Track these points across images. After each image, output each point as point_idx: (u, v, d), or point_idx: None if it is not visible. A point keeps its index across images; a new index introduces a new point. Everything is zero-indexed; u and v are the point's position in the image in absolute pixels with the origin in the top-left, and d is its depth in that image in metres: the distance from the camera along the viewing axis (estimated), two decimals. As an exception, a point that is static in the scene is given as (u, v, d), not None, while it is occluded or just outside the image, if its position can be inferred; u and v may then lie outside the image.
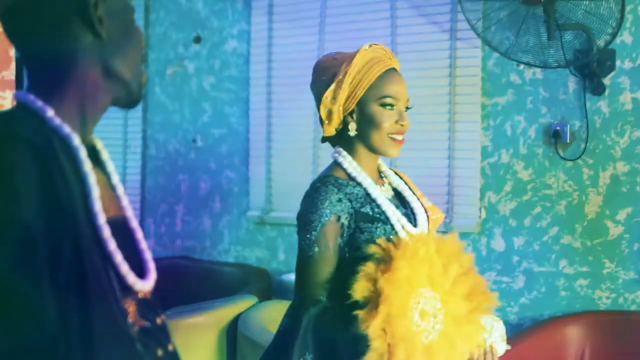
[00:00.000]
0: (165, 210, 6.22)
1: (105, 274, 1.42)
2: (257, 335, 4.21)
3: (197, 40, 6.09)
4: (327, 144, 2.70)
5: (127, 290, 1.49)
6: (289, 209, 5.62)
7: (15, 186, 1.30)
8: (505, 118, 4.87)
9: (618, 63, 4.56)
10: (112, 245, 1.45)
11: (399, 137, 2.50)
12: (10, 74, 1.75)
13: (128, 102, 1.60)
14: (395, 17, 5.17)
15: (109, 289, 1.42)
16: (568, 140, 4.68)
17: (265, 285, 5.31)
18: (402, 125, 2.49)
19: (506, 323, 4.59)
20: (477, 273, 2.51)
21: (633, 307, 4.53)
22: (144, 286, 1.53)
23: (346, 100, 2.48)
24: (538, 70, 4.75)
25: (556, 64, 4.59)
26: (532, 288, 4.79)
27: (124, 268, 1.48)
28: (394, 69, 2.54)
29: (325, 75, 2.54)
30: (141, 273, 1.56)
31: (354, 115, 2.50)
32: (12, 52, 1.75)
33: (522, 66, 4.79)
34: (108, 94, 1.56)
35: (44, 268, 1.30)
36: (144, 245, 1.61)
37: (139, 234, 1.62)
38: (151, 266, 1.59)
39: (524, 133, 4.81)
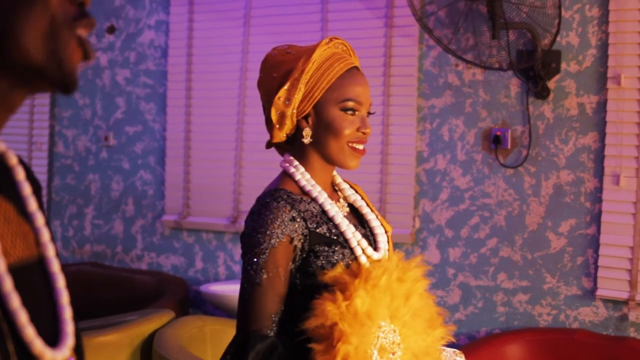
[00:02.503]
0: (74, 213, 5.81)
1: (1, 342, 1.06)
2: (175, 355, 3.86)
3: (111, 30, 5.72)
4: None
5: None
6: (207, 213, 5.28)
7: None
8: (442, 121, 4.62)
9: (563, 65, 4.34)
10: (14, 302, 1.06)
11: (360, 147, 2.20)
12: None
13: (56, 89, 1.17)
14: (327, 10, 4.88)
15: None
16: (509, 147, 4.45)
17: (181, 296, 4.96)
18: (364, 133, 2.18)
19: (442, 340, 4.36)
20: (433, 302, 2.24)
21: (575, 325, 4.33)
22: (55, 356, 1.11)
23: (301, 102, 2.15)
24: (478, 71, 4.50)
25: (498, 65, 4.34)
26: (468, 303, 4.55)
27: (29, 333, 1.08)
28: (356, 68, 2.23)
29: (277, 71, 2.19)
30: (54, 338, 1.16)
31: (310, 120, 2.17)
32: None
33: (461, 66, 4.54)
34: (14, 89, 1.12)
35: None
36: (64, 298, 1.18)
37: (60, 282, 1.19)
38: (68, 328, 1.17)
39: (462, 138, 4.57)
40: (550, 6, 4.17)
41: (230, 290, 4.60)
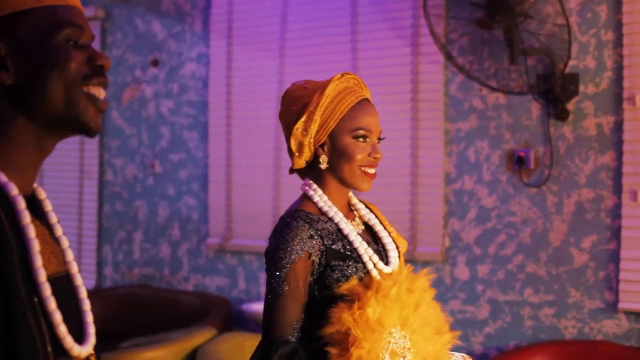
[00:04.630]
0: (123, 238, 6.09)
1: (40, 336, 1.33)
2: (217, 369, 4.11)
3: (155, 63, 5.99)
4: (288, 168, 2.61)
5: (64, 353, 1.40)
6: (249, 236, 5.53)
7: None
8: (468, 144, 4.83)
9: (582, 88, 4.53)
10: (51, 305, 1.35)
11: (371, 170, 2.43)
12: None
13: (83, 134, 1.46)
14: (357, 40, 5.12)
15: (42, 353, 1.33)
16: (532, 167, 4.64)
17: (225, 315, 5.20)
18: (375, 157, 2.42)
19: (471, 353, 4.56)
20: (439, 310, 2.46)
21: (599, 337, 4.49)
22: (81, 352, 1.42)
23: (317, 132, 2.40)
24: (501, 95, 4.71)
25: (519, 90, 4.55)
26: (497, 317, 4.73)
27: (62, 330, 1.37)
28: (366, 100, 2.47)
29: (295, 105, 2.44)
30: (80, 336, 1.46)
31: (325, 148, 2.42)
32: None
33: (484, 91, 4.75)
34: (46, 136, 1.44)
35: None
36: (86, 306, 1.50)
37: (83, 293, 1.51)
38: (90, 330, 1.48)
39: (488, 159, 4.77)
40: (567, 32, 4.38)
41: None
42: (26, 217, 1.35)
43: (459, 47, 4.70)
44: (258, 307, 5.03)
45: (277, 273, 2.29)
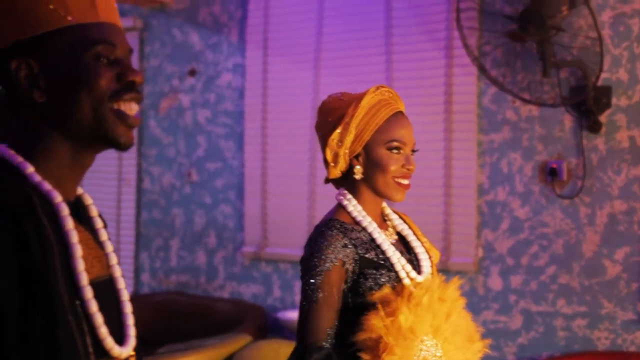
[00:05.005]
0: (160, 245, 6.18)
1: (81, 338, 1.39)
2: (252, 375, 4.17)
3: (192, 73, 6.08)
4: (323, 179, 2.67)
5: (105, 354, 1.46)
6: (284, 244, 5.59)
7: None
8: (501, 155, 4.87)
9: (614, 100, 4.56)
10: (93, 307, 1.42)
11: (405, 182, 2.49)
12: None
13: (114, 148, 1.51)
14: (391, 52, 5.18)
15: (84, 354, 1.39)
16: (565, 178, 4.67)
17: (260, 323, 5.26)
18: (408, 169, 2.47)
19: (504, 363, 4.58)
20: (470, 319, 2.51)
21: (632, 348, 4.51)
22: (121, 352, 1.49)
23: (352, 143, 2.46)
24: (534, 107, 4.74)
25: (552, 102, 4.59)
26: (530, 328, 4.76)
27: (103, 332, 1.44)
28: (401, 112, 2.52)
29: (331, 116, 2.51)
30: (121, 338, 1.52)
31: (360, 159, 2.48)
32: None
33: (517, 103, 4.79)
34: (82, 150, 1.50)
35: (12, 343, 1.29)
36: (127, 308, 1.56)
37: (124, 296, 1.57)
38: (131, 332, 1.55)
39: (520, 171, 4.81)
40: (599, 45, 4.42)
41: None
42: (69, 223, 1.41)
43: (492, 60, 4.75)
44: (293, 314, 5.08)
45: (312, 281, 2.35)
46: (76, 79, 1.43)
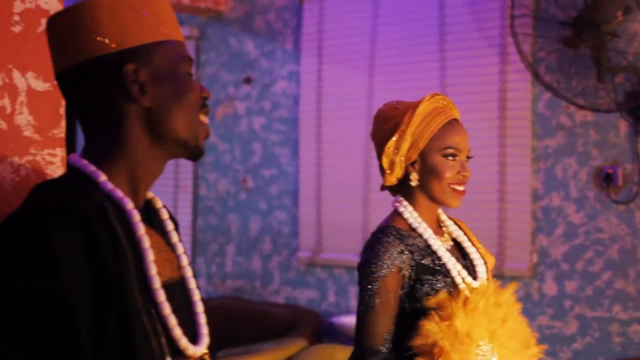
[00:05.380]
0: (216, 250, 6.26)
1: (156, 339, 1.45)
2: (308, 379, 4.21)
3: (248, 81, 6.16)
4: (377, 185, 2.70)
5: (180, 354, 1.51)
6: (339, 249, 5.64)
7: (57, 263, 1.34)
8: (556, 161, 4.86)
9: (671, 106, 4.54)
10: (166, 309, 1.48)
11: (460, 188, 2.51)
12: (60, 131, 1.78)
13: (188, 158, 1.61)
14: (445, 58, 5.20)
15: (159, 355, 1.45)
16: (620, 184, 4.65)
17: (315, 328, 5.31)
18: (464, 175, 2.50)
19: (559, 368, 4.58)
20: (526, 324, 2.53)
21: (689, 353, 4.49)
22: (196, 351, 1.54)
23: (408, 150, 2.49)
24: (588, 112, 4.73)
25: (606, 107, 4.58)
26: (585, 333, 4.75)
27: (177, 332, 1.49)
28: (456, 120, 2.55)
29: (387, 124, 2.54)
30: (195, 337, 1.58)
31: (416, 166, 2.51)
32: (62, 110, 1.78)
33: (572, 108, 4.78)
34: (162, 157, 1.58)
35: (85, 341, 1.34)
36: (199, 308, 1.62)
37: (196, 296, 1.63)
38: (204, 331, 1.60)
39: (575, 176, 4.80)
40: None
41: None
42: (141, 229, 1.48)
43: (546, 66, 4.75)
44: (348, 319, 5.12)
45: (369, 286, 2.39)
46: (175, 90, 1.53)
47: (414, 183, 2.51)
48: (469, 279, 2.47)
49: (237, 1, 6.20)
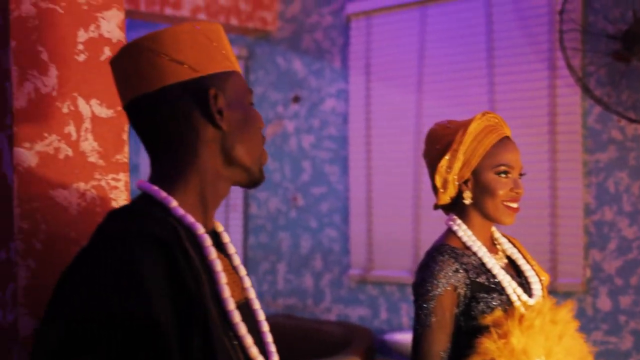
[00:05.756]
0: (267, 269, 6.30)
1: (236, 358, 1.50)
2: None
3: (296, 99, 6.20)
4: (427, 201, 2.72)
5: None
6: (390, 267, 5.64)
7: (144, 285, 1.39)
8: (607, 175, 4.83)
9: None
10: (242, 329, 1.53)
11: (514, 205, 2.52)
12: (124, 157, 1.83)
13: (250, 184, 1.67)
14: (493, 74, 5.20)
15: None
16: (674, 197, 4.62)
17: (368, 345, 5.31)
18: (517, 192, 2.51)
19: (615, 384, 4.54)
20: (583, 341, 2.53)
21: None
22: None
23: (461, 169, 2.51)
24: (640, 126, 4.71)
25: (659, 121, 4.55)
26: (640, 348, 4.71)
27: (254, 352, 1.55)
28: (507, 137, 2.56)
29: (439, 144, 2.56)
30: (265, 355, 1.63)
31: (469, 184, 2.52)
32: (125, 136, 1.83)
33: (623, 122, 4.75)
34: (229, 180, 1.63)
35: (176, 357, 1.39)
36: (265, 327, 1.68)
37: (261, 316, 1.69)
38: (272, 349, 1.67)
39: (628, 190, 4.77)
40: None
41: (412, 338, 4.89)
42: (213, 253, 1.54)
43: (596, 80, 4.73)
44: (400, 337, 5.13)
45: (425, 305, 2.41)
46: (244, 117, 1.62)
47: (467, 201, 2.53)
48: (524, 296, 2.48)
49: (284, 21, 6.25)
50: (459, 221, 2.55)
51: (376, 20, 5.76)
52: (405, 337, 5.07)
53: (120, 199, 1.88)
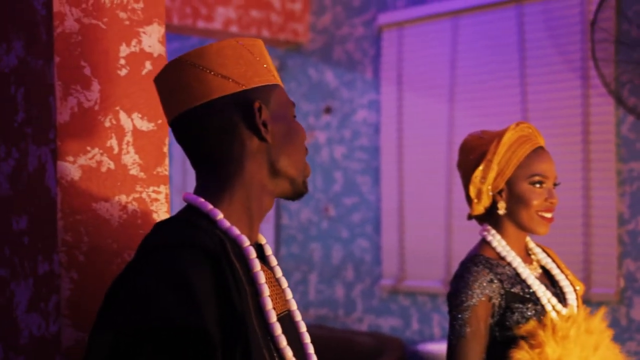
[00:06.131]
0: (299, 279, 6.32)
1: None
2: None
3: (328, 110, 6.22)
4: (459, 211, 2.73)
5: None
6: (422, 277, 5.64)
7: (195, 297, 1.42)
8: (642, 184, 4.82)
9: None
10: (283, 342, 1.55)
11: (548, 215, 2.53)
12: (164, 169, 1.86)
13: (294, 196, 1.70)
14: (526, 84, 5.20)
15: None
16: None
17: (399, 355, 5.32)
18: (551, 202, 2.52)
19: (649, 395, 4.52)
20: (619, 351, 2.54)
21: None
22: None
23: (495, 179, 2.52)
24: (675, 135, 4.69)
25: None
26: (675, 358, 4.69)
27: None
28: (541, 147, 2.57)
29: (473, 154, 2.58)
30: None
31: (503, 194, 2.53)
32: (166, 148, 1.86)
33: (657, 131, 4.74)
34: (273, 193, 1.66)
35: None
36: (307, 339, 1.70)
37: (303, 328, 1.71)
38: None
39: (662, 199, 4.75)
40: None
41: (445, 349, 4.88)
42: (257, 266, 1.56)
43: (629, 89, 4.71)
44: (432, 347, 5.12)
45: (459, 316, 2.42)
46: (288, 130, 1.65)
47: (501, 212, 2.54)
48: (559, 306, 2.49)
49: (316, 32, 6.28)
50: (493, 231, 2.56)
51: (408, 31, 5.77)
52: (436, 348, 5.07)
53: (160, 211, 1.91)
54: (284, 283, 1.71)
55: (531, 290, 2.47)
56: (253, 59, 1.64)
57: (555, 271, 2.63)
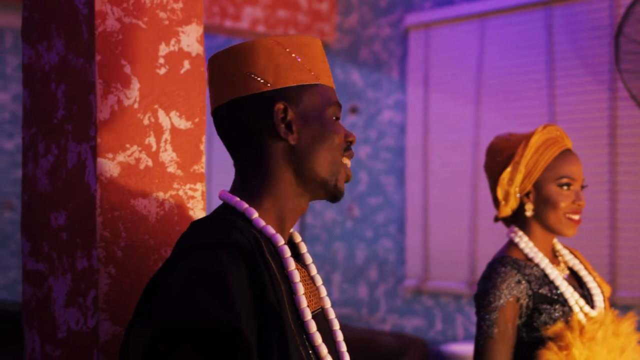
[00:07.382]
0: (323, 278, 6.28)
1: None
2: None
3: (354, 110, 6.24)
4: (484, 212, 2.74)
5: None
6: (446, 278, 5.65)
7: (232, 296, 1.44)
8: (669, 188, 4.81)
9: None
10: (318, 340, 1.57)
11: (576, 217, 2.54)
12: (201, 167, 1.89)
13: (328, 199, 1.70)
14: (553, 86, 5.19)
15: None
16: None
17: (422, 355, 5.33)
18: (579, 205, 2.53)
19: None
20: None
21: None
22: None
23: (522, 181, 2.53)
24: (702, 140, 4.68)
25: None
26: (699, 363, 4.66)
27: None
28: (569, 149, 2.58)
29: (500, 156, 2.59)
30: None
31: (531, 196, 2.55)
32: (202, 146, 1.89)
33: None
34: (306, 195, 1.66)
35: None
36: (340, 337, 1.71)
37: (336, 325, 1.72)
38: (346, 358, 1.69)
39: (689, 204, 4.74)
40: None
41: (469, 350, 4.88)
42: (292, 264, 1.58)
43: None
44: (455, 348, 5.12)
45: (487, 316, 2.44)
46: (320, 131, 1.64)
47: (529, 213, 2.55)
48: (586, 308, 2.50)
49: (342, 32, 6.30)
50: (520, 233, 2.57)
51: (435, 32, 5.78)
52: (460, 348, 5.08)
53: (197, 208, 1.94)
54: (319, 281, 1.73)
55: (559, 292, 2.48)
56: (287, 58, 1.63)
57: (582, 273, 2.64)
